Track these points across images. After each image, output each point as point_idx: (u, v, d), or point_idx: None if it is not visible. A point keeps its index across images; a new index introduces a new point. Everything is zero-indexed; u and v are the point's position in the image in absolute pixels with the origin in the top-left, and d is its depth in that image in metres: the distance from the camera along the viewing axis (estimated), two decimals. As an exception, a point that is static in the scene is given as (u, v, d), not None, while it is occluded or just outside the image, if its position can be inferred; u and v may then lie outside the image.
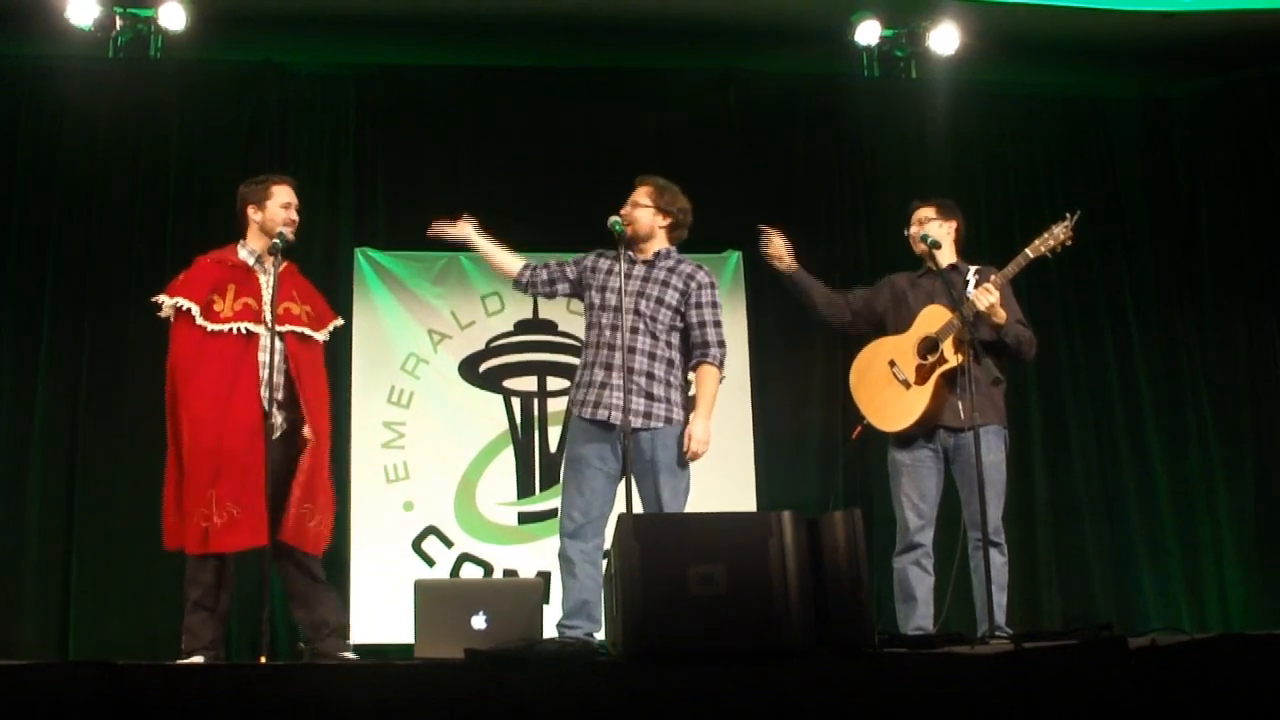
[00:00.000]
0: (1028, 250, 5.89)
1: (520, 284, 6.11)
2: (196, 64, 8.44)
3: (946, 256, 6.15)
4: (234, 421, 5.47)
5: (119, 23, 8.27)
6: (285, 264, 5.84)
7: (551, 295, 6.13)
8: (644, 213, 5.87)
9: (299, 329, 5.71)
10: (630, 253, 5.83)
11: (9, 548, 7.64)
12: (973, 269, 5.99)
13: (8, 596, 7.57)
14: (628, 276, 5.74)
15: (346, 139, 8.53)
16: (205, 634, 5.44)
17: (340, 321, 6.09)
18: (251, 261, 5.74)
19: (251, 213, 5.80)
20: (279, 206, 5.77)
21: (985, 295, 5.80)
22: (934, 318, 5.94)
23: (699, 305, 5.77)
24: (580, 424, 5.69)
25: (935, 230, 6.14)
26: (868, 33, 8.75)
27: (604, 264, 5.89)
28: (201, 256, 5.85)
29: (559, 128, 8.70)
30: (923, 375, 5.92)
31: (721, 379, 5.80)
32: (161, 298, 5.72)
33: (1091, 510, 8.52)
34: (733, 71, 8.89)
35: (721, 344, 5.79)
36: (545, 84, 8.77)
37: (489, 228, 8.37)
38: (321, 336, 5.86)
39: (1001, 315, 5.86)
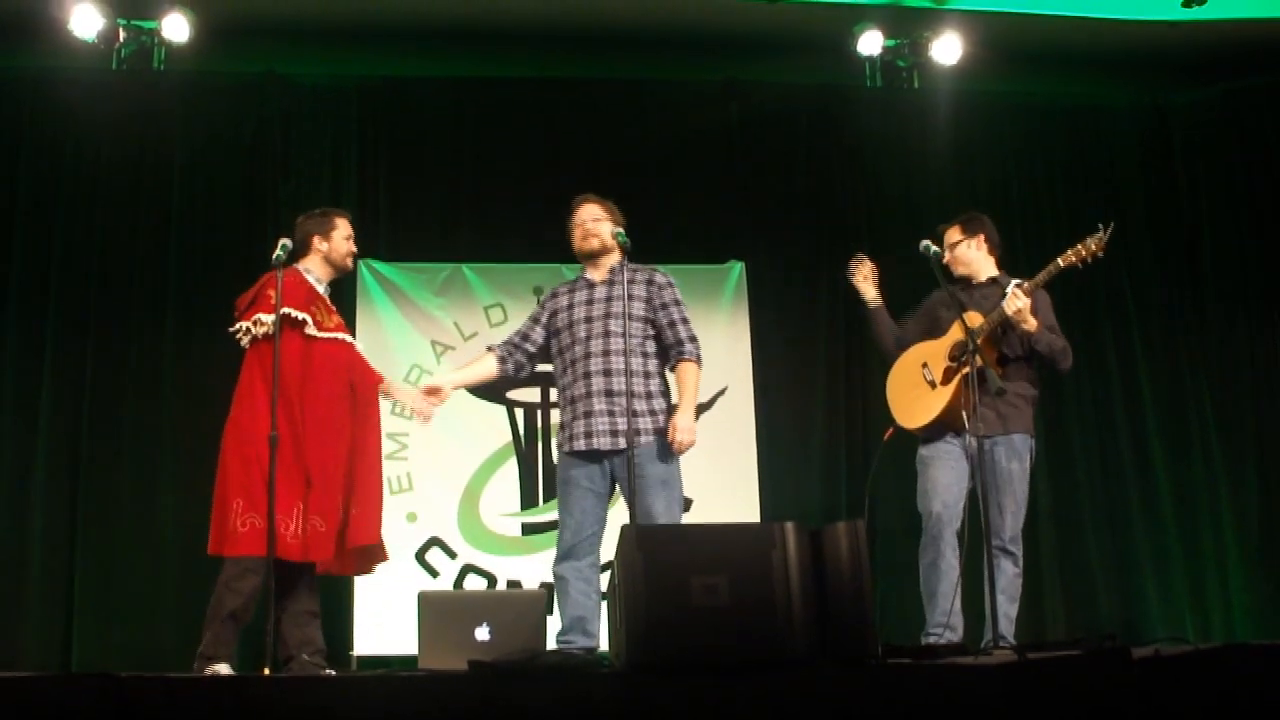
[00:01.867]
0: (1059, 260, 5.92)
1: (509, 376, 6.12)
2: (199, 75, 8.46)
3: (987, 269, 6.22)
4: (357, 430, 5.64)
5: (122, 34, 8.29)
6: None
7: (542, 363, 6.16)
8: (606, 226, 5.85)
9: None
10: (588, 276, 5.86)
11: (12, 558, 7.65)
12: (1014, 281, 5.98)
13: (11, 607, 7.57)
14: (590, 302, 5.78)
15: (349, 150, 8.55)
16: (233, 643, 5.46)
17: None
18: (321, 289, 5.80)
19: (316, 243, 5.86)
20: (343, 239, 5.91)
21: (1013, 301, 5.80)
22: (970, 323, 5.94)
23: (664, 306, 5.79)
24: (565, 456, 5.75)
25: (963, 250, 6.17)
26: (870, 43, 8.74)
27: (562, 301, 5.91)
28: (271, 275, 5.68)
29: (561, 139, 8.72)
30: (948, 376, 5.94)
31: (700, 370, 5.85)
32: (260, 315, 5.56)
33: (1094, 519, 8.52)
34: (735, 82, 8.91)
35: (694, 339, 5.81)
36: (547, 95, 8.79)
37: (490, 238, 8.44)
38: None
39: (1031, 323, 5.85)
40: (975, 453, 5.89)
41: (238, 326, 5.63)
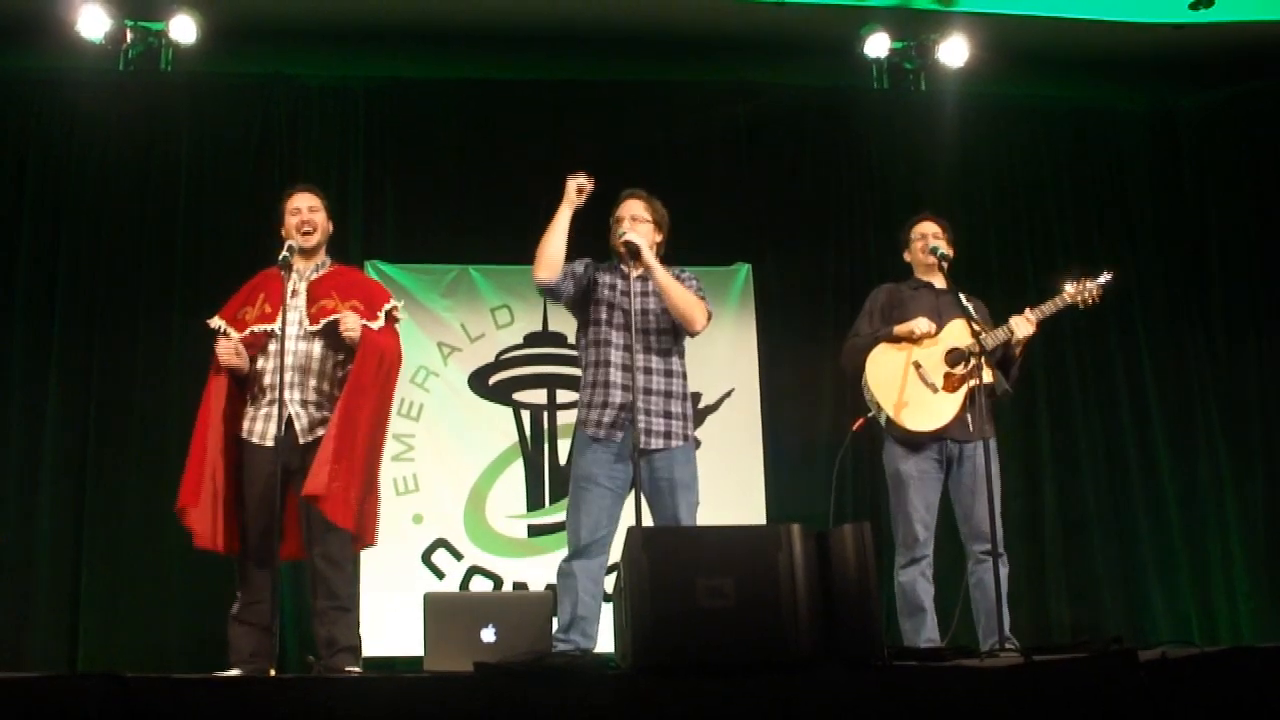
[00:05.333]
0: (1065, 295, 6.09)
1: (551, 290, 5.74)
2: (206, 76, 8.47)
3: (940, 279, 6.21)
4: (226, 424, 5.56)
5: (129, 36, 8.31)
6: (332, 267, 5.93)
7: (570, 302, 5.88)
8: (645, 228, 5.78)
9: (332, 318, 5.65)
10: (624, 268, 5.77)
11: (19, 560, 7.64)
12: (961, 295, 6.01)
13: (17, 607, 7.57)
14: (626, 294, 5.68)
15: (355, 151, 8.55)
16: (244, 647, 5.44)
17: (395, 303, 5.93)
18: (284, 270, 5.73)
19: (281, 229, 5.89)
20: (289, 215, 5.86)
21: (1026, 325, 5.98)
22: (963, 332, 5.97)
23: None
24: (592, 443, 5.63)
25: (944, 247, 6.19)
26: (877, 45, 8.75)
27: (605, 278, 5.81)
28: (261, 271, 5.94)
29: (568, 140, 8.69)
30: (952, 384, 5.98)
31: (702, 314, 5.69)
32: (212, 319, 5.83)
33: (1101, 523, 8.50)
34: (742, 84, 8.90)
35: (704, 297, 5.73)
36: (554, 97, 8.78)
37: (497, 240, 8.44)
38: (373, 325, 5.73)
39: (1021, 348, 6.03)
40: (957, 460, 5.98)
41: None
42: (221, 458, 5.52)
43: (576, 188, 5.64)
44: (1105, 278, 6.13)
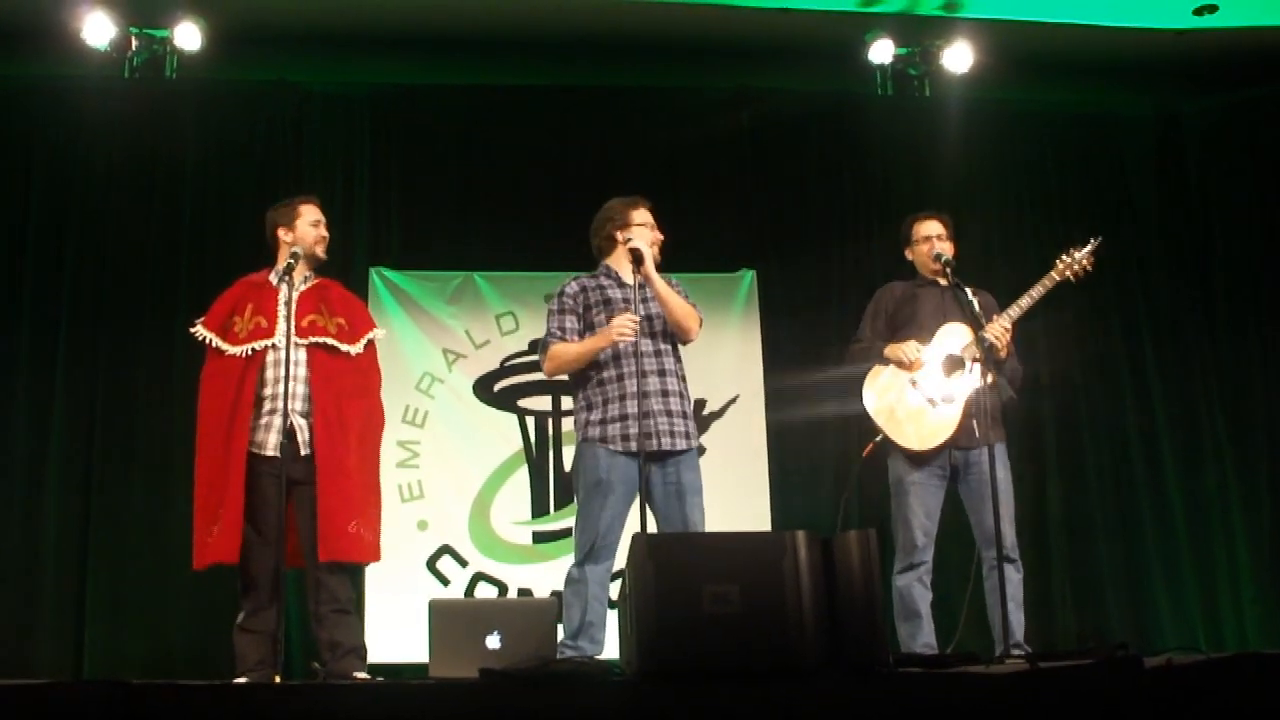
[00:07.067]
0: (1054, 273, 5.97)
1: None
2: (211, 83, 8.48)
3: (943, 279, 6.18)
4: (235, 440, 5.49)
5: (134, 43, 8.32)
6: (317, 280, 5.86)
7: None
8: (653, 235, 5.83)
9: (322, 339, 5.64)
10: (620, 275, 5.79)
11: (24, 566, 7.65)
12: (969, 290, 5.97)
13: (23, 615, 7.57)
14: (628, 301, 5.68)
15: (360, 157, 8.55)
16: (250, 655, 5.43)
17: (378, 333, 5.93)
18: (275, 281, 5.72)
19: (282, 234, 5.81)
20: (309, 225, 5.78)
21: (1003, 332, 5.86)
22: (955, 336, 5.95)
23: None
24: (602, 450, 5.62)
25: (948, 250, 6.16)
26: (881, 51, 8.76)
27: (594, 295, 5.81)
28: (239, 279, 5.86)
29: (572, 146, 8.71)
30: (951, 393, 5.93)
31: (696, 323, 5.78)
32: (195, 328, 5.75)
33: (1106, 528, 8.48)
34: (746, 90, 8.90)
35: (698, 311, 5.80)
36: (559, 102, 8.79)
37: (502, 246, 8.44)
38: (353, 349, 5.72)
39: (1006, 350, 5.92)
40: (963, 467, 5.95)
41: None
42: (229, 471, 5.48)
43: (619, 334, 5.54)
44: (1094, 243, 6.06)
